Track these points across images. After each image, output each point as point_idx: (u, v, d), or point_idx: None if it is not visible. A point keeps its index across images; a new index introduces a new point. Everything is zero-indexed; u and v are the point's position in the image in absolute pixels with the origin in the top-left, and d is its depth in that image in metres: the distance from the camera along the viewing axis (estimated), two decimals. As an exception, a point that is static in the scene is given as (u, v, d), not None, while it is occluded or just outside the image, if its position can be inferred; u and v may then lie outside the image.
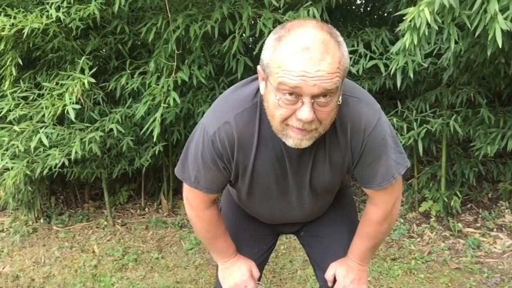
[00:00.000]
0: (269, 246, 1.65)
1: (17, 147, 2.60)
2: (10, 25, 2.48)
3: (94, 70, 2.75)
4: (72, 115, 2.55)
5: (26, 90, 2.84)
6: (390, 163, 1.25)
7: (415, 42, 1.97)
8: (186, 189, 1.37)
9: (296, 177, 1.30)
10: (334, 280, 1.50)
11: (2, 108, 2.71)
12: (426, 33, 1.93)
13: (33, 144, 2.57)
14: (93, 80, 2.69)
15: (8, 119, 2.73)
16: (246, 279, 1.47)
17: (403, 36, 2.07)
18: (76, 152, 2.63)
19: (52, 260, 3.02)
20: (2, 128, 2.74)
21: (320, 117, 1.06)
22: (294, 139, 1.11)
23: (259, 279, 1.57)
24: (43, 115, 2.62)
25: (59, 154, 2.67)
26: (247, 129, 1.21)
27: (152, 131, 2.69)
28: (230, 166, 1.27)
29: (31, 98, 2.79)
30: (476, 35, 1.90)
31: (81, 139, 2.72)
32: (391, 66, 2.44)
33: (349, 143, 1.21)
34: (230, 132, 1.21)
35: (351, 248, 1.47)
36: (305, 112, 1.02)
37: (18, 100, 2.78)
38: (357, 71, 2.75)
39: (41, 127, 2.66)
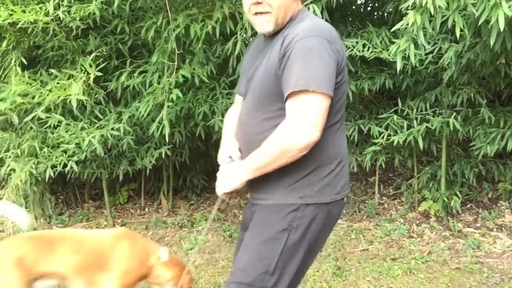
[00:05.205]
0: None
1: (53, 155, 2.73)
2: (6, 16, 2.46)
3: (101, 66, 2.74)
4: (74, 105, 2.54)
5: (28, 83, 2.82)
6: (306, 74, 1.31)
7: (418, 22, 1.89)
8: None
9: (257, 68, 1.51)
10: None
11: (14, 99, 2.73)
12: (432, 12, 1.84)
13: (70, 150, 2.68)
14: (99, 74, 2.69)
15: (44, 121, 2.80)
16: (223, 154, 1.61)
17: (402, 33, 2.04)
18: (91, 146, 2.72)
19: (52, 260, 3.01)
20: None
21: (268, 1, 1.39)
22: (258, 24, 1.45)
23: None
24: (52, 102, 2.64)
25: (71, 155, 2.73)
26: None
27: (161, 130, 2.76)
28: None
29: (36, 96, 2.79)
30: (480, 23, 1.87)
31: (88, 134, 2.73)
32: (391, 49, 2.30)
33: (283, 46, 1.39)
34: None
35: None
36: None
37: (22, 98, 2.78)
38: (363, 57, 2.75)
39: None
